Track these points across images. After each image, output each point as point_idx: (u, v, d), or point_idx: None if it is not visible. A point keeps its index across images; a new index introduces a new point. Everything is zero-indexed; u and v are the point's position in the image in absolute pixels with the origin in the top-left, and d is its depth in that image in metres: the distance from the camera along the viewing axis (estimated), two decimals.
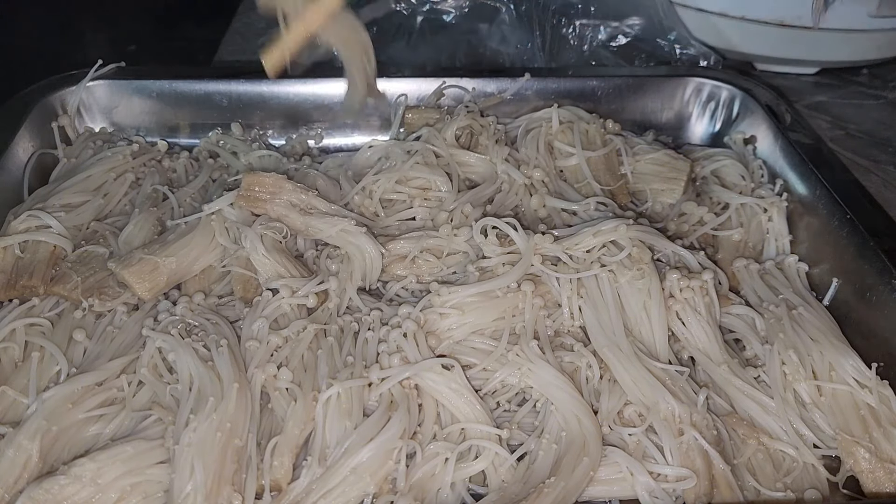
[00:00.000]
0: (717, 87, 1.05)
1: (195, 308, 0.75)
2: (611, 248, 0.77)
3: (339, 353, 0.71)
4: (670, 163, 0.94)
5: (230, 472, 0.61)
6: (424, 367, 0.68)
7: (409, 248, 0.82)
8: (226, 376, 0.65)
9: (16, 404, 0.67)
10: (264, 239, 0.78)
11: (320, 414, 0.65)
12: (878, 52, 1.24)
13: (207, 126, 1.03)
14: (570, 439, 0.65)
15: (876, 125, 1.18)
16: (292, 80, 1.03)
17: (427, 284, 0.78)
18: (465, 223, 0.83)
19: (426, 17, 1.19)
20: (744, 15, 1.18)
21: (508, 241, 0.78)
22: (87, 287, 0.76)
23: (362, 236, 0.79)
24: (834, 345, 0.71)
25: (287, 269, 0.78)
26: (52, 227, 0.80)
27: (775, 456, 0.67)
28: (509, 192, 0.90)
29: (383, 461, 0.62)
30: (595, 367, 0.71)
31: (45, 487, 0.58)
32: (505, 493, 0.63)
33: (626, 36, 1.16)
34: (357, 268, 0.79)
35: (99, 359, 0.70)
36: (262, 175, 0.81)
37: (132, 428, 0.66)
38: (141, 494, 0.61)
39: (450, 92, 1.04)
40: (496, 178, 0.91)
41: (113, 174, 0.90)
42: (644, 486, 0.63)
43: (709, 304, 0.75)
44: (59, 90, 0.99)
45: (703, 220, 0.89)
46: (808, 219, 0.87)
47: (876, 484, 0.65)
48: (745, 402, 0.70)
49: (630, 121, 1.05)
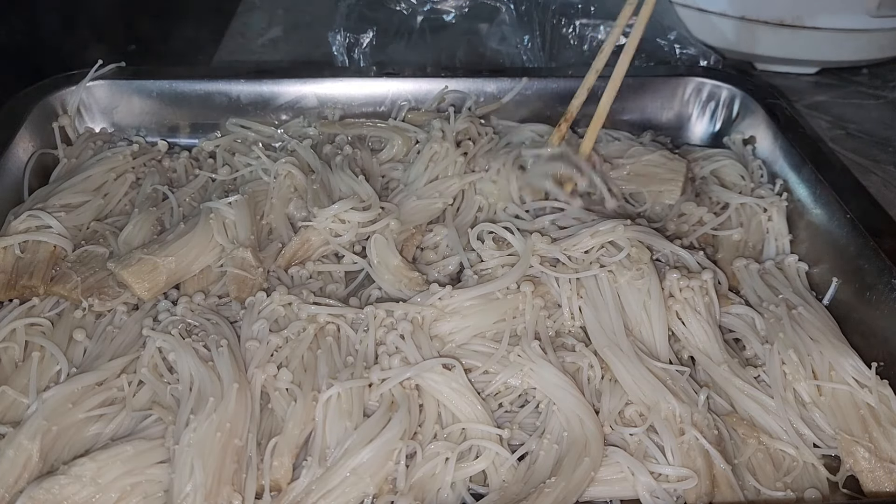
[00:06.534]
0: (717, 87, 1.05)
1: (195, 308, 0.75)
2: (609, 248, 0.77)
3: (339, 353, 0.71)
4: (667, 164, 0.94)
5: (230, 472, 0.61)
6: (425, 367, 0.68)
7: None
8: (226, 376, 0.65)
9: (16, 404, 0.67)
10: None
11: (320, 414, 0.65)
12: (879, 52, 1.24)
13: (207, 126, 1.03)
14: (572, 440, 0.65)
15: (876, 125, 1.18)
16: (293, 80, 1.03)
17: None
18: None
19: (426, 17, 1.20)
20: (744, 15, 1.18)
21: (506, 244, 0.79)
22: (87, 287, 0.76)
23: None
24: (834, 344, 0.71)
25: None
26: (52, 227, 0.80)
27: (775, 455, 0.67)
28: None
29: (383, 462, 0.62)
30: (596, 367, 0.71)
31: (46, 487, 0.58)
32: (505, 493, 0.63)
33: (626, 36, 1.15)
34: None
35: (99, 359, 0.70)
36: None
37: (132, 428, 0.66)
38: (141, 494, 0.60)
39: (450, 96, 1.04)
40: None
41: (113, 174, 0.90)
42: (645, 486, 0.63)
43: (708, 304, 0.75)
44: (59, 90, 0.99)
45: (703, 220, 0.89)
46: (808, 219, 0.87)
47: (876, 483, 0.65)
48: (746, 401, 0.70)
49: (630, 121, 1.06)
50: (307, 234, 0.83)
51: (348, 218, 0.82)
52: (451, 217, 0.89)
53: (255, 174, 0.93)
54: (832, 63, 1.26)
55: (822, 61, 1.26)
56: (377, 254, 0.81)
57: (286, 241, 0.85)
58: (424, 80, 1.04)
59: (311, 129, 1.00)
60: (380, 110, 1.04)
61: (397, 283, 0.79)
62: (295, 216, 0.88)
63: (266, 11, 1.45)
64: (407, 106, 1.04)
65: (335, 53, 1.17)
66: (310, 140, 0.97)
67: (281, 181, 0.89)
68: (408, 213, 0.86)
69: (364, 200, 0.84)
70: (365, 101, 1.04)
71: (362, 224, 0.82)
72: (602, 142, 0.98)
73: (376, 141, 1.00)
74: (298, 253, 0.83)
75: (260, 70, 1.06)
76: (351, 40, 1.16)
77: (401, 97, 1.04)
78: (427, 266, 0.84)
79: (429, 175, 0.91)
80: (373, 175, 0.93)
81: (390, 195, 0.91)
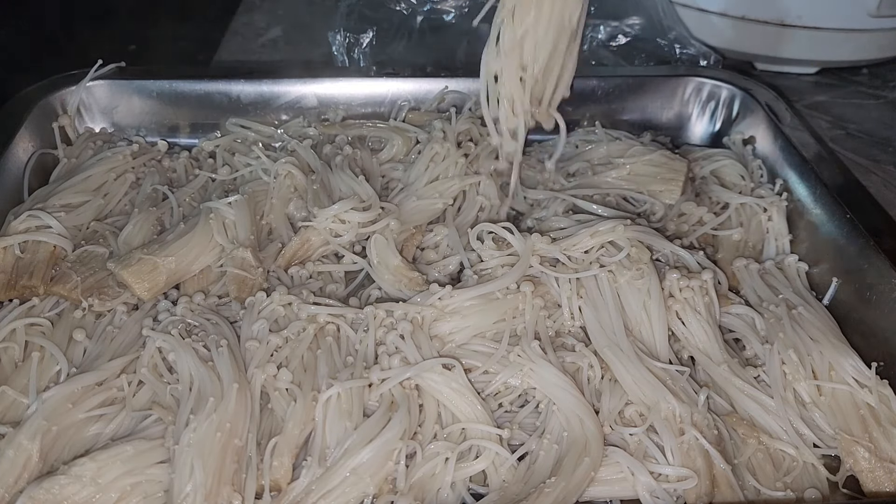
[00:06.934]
0: (717, 87, 1.05)
1: (195, 308, 0.75)
2: (609, 248, 0.77)
3: (339, 353, 0.71)
4: (667, 163, 0.94)
5: (230, 472, 0.61)
6: (425, 367, 0.68)
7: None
8: (226, 376, 0.65)
9: (16, 404, 0.67)
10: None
11: (320, 414, 0.65)
12: (879, 52, 1.24)
13: (207, 126, 1.03)
14: (572, 440, 0.65)
15: (876, 125, 1.18)
16: (293, 80, 1.03)
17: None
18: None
19: (426, 17, 1.19)
20: (744, 15, 1.18)
21: (506, 244, 0.79)
22: (86, 287, 0.76)
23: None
24: (834, 344, 0.71)
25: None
26: (52, 227, 0.80)
27: (775, 455, 0.67)
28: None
29: (383, 462, 0.62)
30: (596, 367, 0.71)
31: (46, 487, 0.57)
32: (505, 492, 0.63)
33: (626, 35, 1.16)
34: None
35: (99, 359, 0.70)
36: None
37: (132, 428, 0.66)
38: (141, 494, 0.60)
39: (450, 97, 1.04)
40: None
41: (113, 174, 0.90)
42: (645, 486, 0.63)
43: (708, 304, 0.75)
44: (59, 90, 0.99)
45: (703, 220, 0.89)
46: (808, 219, 0.87)
47: (876, 483, 0.65)
48: (746, 401, 0.70)
49: (630, 121, 1.06)
50: (307, 234, 0.83)
51: (348, 218, 0.82)
52: (452, 217, 0.89)
53: (255, 174, 0.93)
54: (832, 63, 1.26)
55: (822, 61, 1.26)
56: (377, 254, 0.81)
57: (286, 241, 0.85)
58: (424, 80, 1.04)
59: (311, 129, 1.00)
60: (380, 110, 1.04)
61: (397, 283, 0.79)
62: (295, 216, 0.88)
63: (266, 11, 1.45)
64: (407, 106, 1.04)
65: (335, 53, 1.17)
66: (310, 140, 0.97)
67: (281, 181, 0.89)
68: (408, 213, 0.86)
69: (364, 200, 0.84)
70: (365, 101, 1.04)
71: (362, 224, 0.82)
72: (603, 142, 0.98)
73: (376, 141, 1.00)
74: (298, 253, 0.83)
75: (260, 70, 1.06)
76: (351, 40, 1.16)
77: (401, 97, 1.04)
78: (427, 266, 0.84)
79: (429, 175, 0.91)
80: (373, 175, 0.93)
81: (390, 195, 0.91)
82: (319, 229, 0.82)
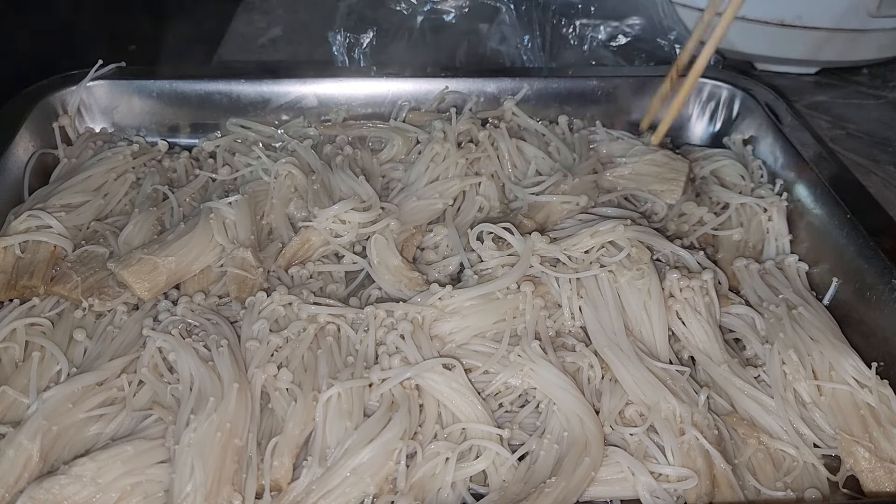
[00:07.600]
0: (717, 87, 1.05)
1: (195, 308, 0.75)
2: (610, 248, 0.77)
3: (339, 353, 0.71)
4: (669, 163, 0.94)
5: (230, 472, 0.61)
6: (425, 367, 0.68)
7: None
8: (226, 376, 0.65)
9: (16, 404, 0.67)
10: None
11: (320, 414, 0.65)
12: (879, 52, 1.24)
13: (208, 126, 1.03)
14: (572, 440, 0.65)
15: (876, 125, 1.18)
16: (293, 80, 1.03)
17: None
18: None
19: (426, 17, 1.20)
20: (744, 15, 1.18)
21: (506, 244, 0.79)
22: (87, 287, 0.76)
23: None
24: (834, 344, 0.71)
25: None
26: (52, 227, 0.80)
27: (776, 455, 0.67)
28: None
29: (384, 462, 0.62)
30: (597, 367, 0.71)
31: (46, 487, 0.58)
32: (506, 492, 0.63)
33: (626, 36, 1.16)
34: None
35: (99, 359, 0.70)
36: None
37: (133, 428, 0.66)
38: (141, 494, 0.61)
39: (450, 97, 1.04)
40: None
41: (113, 174, 0.90)
42: (645, 486, 0.63)
43: (709, 304, 0.75)
44: (59, 90, 0.99)
45: (703, 220, 0.89)
46: (808, 219, 0.87)
47: (876, 483, 0.65)
48: (746, 401, 0.70)
49: (630, 121, 1.06)
50: (307, 235, 0.83)
51: (349, 218, 0.82)
52: (452, 217, 0.89)
53: (256, 174, 0.93)
54: (832, 63, 1.26)
55: (822, 61, 1.26)
56: (377, 254, 0.81)
57: (286, 241, 0.85)
58: (424, 81, 1.04)
59: (311, 129, 1.00)
60: (380, 111, 1.04)
61: (397, 284, 0.79)
62: (295, 216, 0.88)
63: (266, 11, 1.45)
64: (407, 106, 1.04)
65: (335, 53, 1.17)
66: (310, 140, 0.97)
67: (281, 181, 0.89)
68: (408, 213, 0.86)
69: (364, 201, 0.84)
70: (365, 101, 1.04)
71: (362, 224, 0.82)
72: (604, 141, 0.98)
73: (376, 141, 1.00)
74: (299, 253, 0.83)
75: (260, 70, 1.06)
76: (351, 40, 1.16)
77: (401, 97, 1.04)
78: (427, 266, 0.84)
79: (429, 176, 0.91)
80: (373, 175, 0.93)
81: (390, 195, 0.91)
82: (320, 229, 0.82)
